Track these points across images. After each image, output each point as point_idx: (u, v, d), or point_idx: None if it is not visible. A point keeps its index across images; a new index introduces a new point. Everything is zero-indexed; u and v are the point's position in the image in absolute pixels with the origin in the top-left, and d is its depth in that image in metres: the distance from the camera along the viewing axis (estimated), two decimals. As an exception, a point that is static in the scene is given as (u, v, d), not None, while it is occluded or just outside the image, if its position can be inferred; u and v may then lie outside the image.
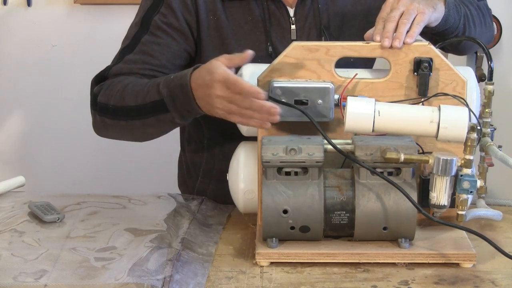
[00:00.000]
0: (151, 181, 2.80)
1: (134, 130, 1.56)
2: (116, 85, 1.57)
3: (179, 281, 1.30)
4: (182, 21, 1.63)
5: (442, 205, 1.37)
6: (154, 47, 1.62)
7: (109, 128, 1.59)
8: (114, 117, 1.56)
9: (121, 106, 1.53)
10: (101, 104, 1.57)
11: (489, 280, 1.33)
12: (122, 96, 1.54)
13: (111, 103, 1.55)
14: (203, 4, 1.64)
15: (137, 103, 1.51)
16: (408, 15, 1.47)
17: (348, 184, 1.39)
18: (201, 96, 1.41)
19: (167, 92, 1.46)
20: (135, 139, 1.62)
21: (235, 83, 1.35)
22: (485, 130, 1.51)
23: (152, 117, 1.50)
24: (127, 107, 1.53)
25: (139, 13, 1.67)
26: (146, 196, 1.72)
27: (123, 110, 1.53)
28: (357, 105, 1.37)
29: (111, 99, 1.55)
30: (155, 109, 1.48)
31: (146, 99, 1.50)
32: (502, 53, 2.83)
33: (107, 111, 1.56)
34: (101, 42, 2.74)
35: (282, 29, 1.66)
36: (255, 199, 1.51)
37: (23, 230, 1.51)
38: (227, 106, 1.37)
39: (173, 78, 1.46)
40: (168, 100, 1.46)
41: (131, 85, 1.55)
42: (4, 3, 2.78)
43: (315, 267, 1.37)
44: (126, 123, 1.55)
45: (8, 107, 2.88)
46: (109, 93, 1.57)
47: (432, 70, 1.43)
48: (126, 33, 1.67)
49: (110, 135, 1.62)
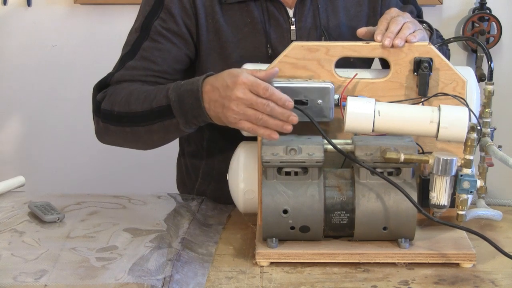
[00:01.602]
0: (151, 181, 2.79)
1: (138, 137, 1.55)
2: (121, 92, 1.56)
3: (179, 281, 1.30)
4: (182, 25, 1.63)
5: (442, 205, 1.37)
6: (155, 53, 1.62)
7: (112, 135, 1.58)
8: (118, 124, 1.55)
9: (126, 112, 1.53)
10: (105, 110, 1.56)
11: (489, 280, 1.33)
12: (127, 102, 1.53)
13: (115, 110, 1.55)
14: (202, 8, 1.64)
15: (143, 108, 1.51)
16: (413, 24, 1.48)
17: (348, 184, 1.39)
18: (214, 99, 1.40)
19: (175, 96, 1.45)
20: (139, 147, 1.61)
21: (266, 88, 1.35)
22: (485, 130, 1.51)
23: (157, 123, 1.49)
24: (132, 113, 1.52)
25: (138, 18, 1.67)
26: (146, 196, 1.72)
27: (128, 116, 1.53)
28: (357, 105, 1.37)
29: (115, 106, 1.55)
30: (161, 114, 1.48)
31: (152, 104, 1.49)
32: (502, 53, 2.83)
33: (111, 118, 1.55)
34: (101, 42, 2.74)
35: (281, 30, 1.66)
36: (255, 199, 1.51)
37: (23, 230, 1.51)
38: (243, 109, 1.36)
39: (184, 83, 1.46)
40: (175, 104, 1.45)
41: (136, 92, 1.54)
42: (4, 3, 2.78)
43: (315, 267, 1.37)
44: (130, 130, 1.54)
45: (8, 107, 2.88)
46: (113, 100, 1.56)
47: (432, 70, 1.43)
48: (126, 39, 1.67)
49: (113, 142, 1.62)
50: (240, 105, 1.36)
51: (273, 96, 1.36)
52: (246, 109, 1.36)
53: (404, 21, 1.48)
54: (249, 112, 1.36)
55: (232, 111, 1.37)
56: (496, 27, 2.79)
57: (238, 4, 1.65)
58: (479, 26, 2.77)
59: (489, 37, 2.79)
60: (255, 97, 1.36)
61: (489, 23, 2.77)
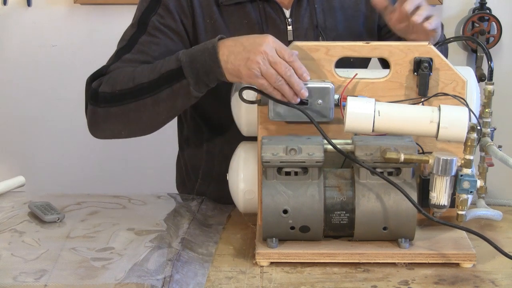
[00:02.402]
0: (151, 181, 2.80)
1: (142, 113, 1.52)
2: (122, 72, 1.55)
3: (179, 281, 1.30)
4: (179, 23, 1.63)
5: (442, 205, 1.37)
6: (153, 47, 1.61)
7: (112, 119, 1.55)
8: (120, 102, 1.53)
9: (130, 88, 1.51)
10: (105, 93, 1.54)
11: (489, 280, 1.33)
12: (132, 77, 1.52)
13: (117, 88, 1.53)
14: (199, 8, 1.64)
15: (150, 78, 1.50)
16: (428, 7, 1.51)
17: (348, 184, 1.39)
18: (237, 51, 1.42)
19: (187, 57, 1.46)
20: (140, 128, 1.58)
21: (291, 54, 1.40)
22: (485, 130, 1.51)
23: (165, 90, 1.48)
24: (138, 86, 1.51)
25: (135, 16, 1.67)
26: (146, 196, 1.72)
27: (133, 91, 1.51)
28: (357, 105, 1.37)
29: (117, 85, 1.53)
30: (170, 78, 1.48)
31: (161, 70, 1.49)
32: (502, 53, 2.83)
33: (112, 99, 1.53)
34: (101, 42, 2.73)
35: (278, 31, 1.66)
36: (255, 199, 1.51)
37: (23, 230, 1.51)
38: (267, 66, 1.38)
39: (197, 46, 1.48)
40: (186, 65, 1.46)
41: (141, 67, 1.54)
42: (4, 3, 2.78)
43: (315, 267, 1.37)
44: (135, 105, 1.51)
45: (8, 107, 2.88)
46: (114, 81, 1.54)
47: (432, 70, 1.43)
48: (122, 35, 1.66)
49: (111, 129, 1.58)
50: (266, 60, 1.38)
51: (295, 63, 1.39)
52: (269, 66, 1.38)
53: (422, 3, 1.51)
54: (271, 71, 1.38)
55: (257, 64, 1.38)
56: (496, 27, 2.79)
57: (235, 5, 1.65)
58: (479, 26, 2.77)
59: (489, 37, 2.79)
60: (279, 58, 1.39)
61: (489, 23, 2.77)
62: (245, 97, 1.44)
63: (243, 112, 1.51)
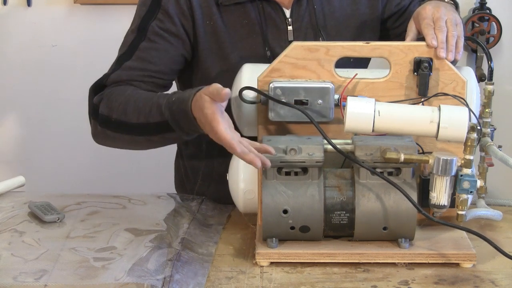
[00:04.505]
0: (151, 181, 2.79)
1: (137, 144, 1.57)
2: (118, 97, 1.56)
3: (179, 281, 1.30)
4: (179, 26, 1.63)
5: (442, 205, 1.37)
6: (152, 53, 1.62)
7: (110, 139, 1.59)
8: (117, 130, 1.56)
9: (124, 122, 1.54)
10: (103, 116, 1.57)
11: (489, 280, 1.33)
12: (124, 110, 1.54)
13: (113, 116, 1.55)
14: (199, 9, 1.64)
15: (139, 121, 1.51)
16: (453, 27, 1.47)
17: (348, 184, 1.39)
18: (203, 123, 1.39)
19: (169, 115, 1.46)
20: (137, 149, 1.63)
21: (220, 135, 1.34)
22: (485, 130, 1.51)
23: (157, 135, 1.52)
24: (130, 124, 1.53)
25: (134, 21, 1.67)
26: (146, 196, 1.72)
27: (126, 125, 1.54)
28: (357, 105, 1.37)
29: (113, 112, 1.55)
30: (160, 128, 1.49)
31: (149, 119, 1.50)
32: (502, 53, 2.83)
33: (109, 124, 1.56)
34: (101, 42, 2.74)
35: (278, 31, 1.66)
36: (255, 199, 1.51)
37: (23, 230, 1.51)
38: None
39: (175, 100, 1.46)
40: (172, 122, 1.47)
41: (132, 100, 1.54)
42: (4, 3, 2.78)
43: (315, 267, 1.37)
44: (129, 138, 1.55)
45: (8, 107, 2.88)
46: (110, 105, 1.56)
47: (432, 70, 1.43)
48: (123, 40, 1.66)
49: (111, 145, 1.63)
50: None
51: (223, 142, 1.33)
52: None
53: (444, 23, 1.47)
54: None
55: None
56: (496, 27, 2.79)
57: (235, 5, 1.65)
58: (479, 26, 2.77)
59: (489, 37, 2.79)
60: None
61: (489, 23, 2.77)
62: (245, 97, 1.44)
63: (243, 112, 1.51)
